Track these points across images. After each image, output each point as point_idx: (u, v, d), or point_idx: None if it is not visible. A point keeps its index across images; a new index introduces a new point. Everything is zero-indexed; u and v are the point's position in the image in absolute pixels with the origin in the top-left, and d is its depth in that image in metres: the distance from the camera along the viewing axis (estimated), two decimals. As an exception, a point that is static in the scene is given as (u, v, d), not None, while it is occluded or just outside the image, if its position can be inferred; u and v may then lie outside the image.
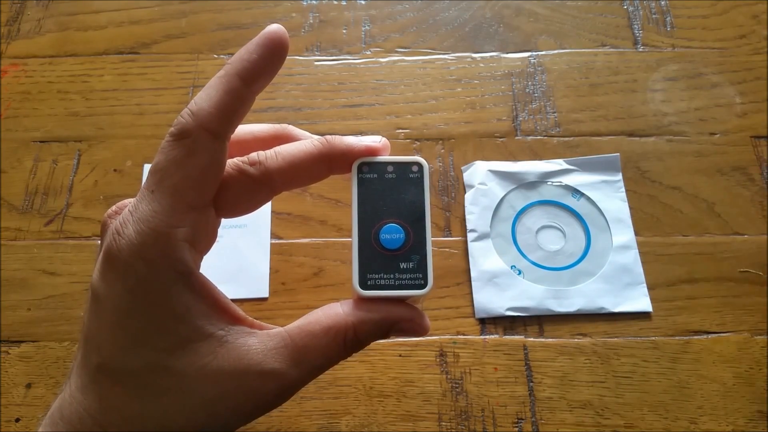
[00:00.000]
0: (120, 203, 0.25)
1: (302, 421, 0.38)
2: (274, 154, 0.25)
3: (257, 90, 0.23)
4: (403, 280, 0.24)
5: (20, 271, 0.42)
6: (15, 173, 0.46)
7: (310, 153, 0.25)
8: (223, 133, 0.23)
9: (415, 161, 0.25)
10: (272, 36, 0.23)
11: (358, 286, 0.24)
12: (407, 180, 0.25)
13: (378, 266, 0.24)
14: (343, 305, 0.24)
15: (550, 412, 0.38)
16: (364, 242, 0.24)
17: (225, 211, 0.25)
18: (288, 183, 0.25)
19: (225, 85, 0.23)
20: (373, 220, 0.24)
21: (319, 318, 0.24)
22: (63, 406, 0.23)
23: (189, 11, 0.52)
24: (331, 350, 0.23)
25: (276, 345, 0.23)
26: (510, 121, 0.47)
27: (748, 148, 0.46)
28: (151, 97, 0.48)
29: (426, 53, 0.50)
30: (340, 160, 0.25)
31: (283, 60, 0.23)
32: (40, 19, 0.52)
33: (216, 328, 0.23)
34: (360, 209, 0.25)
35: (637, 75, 0.49)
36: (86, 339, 0.23)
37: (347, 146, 0.25)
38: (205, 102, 0.23)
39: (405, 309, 0.24)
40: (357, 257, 0.24)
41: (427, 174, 0.25)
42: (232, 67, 0.23)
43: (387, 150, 0.26)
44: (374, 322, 0.24)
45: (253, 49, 0.23)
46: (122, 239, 0.22)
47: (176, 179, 0.22)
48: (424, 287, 0.24)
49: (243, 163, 0.24)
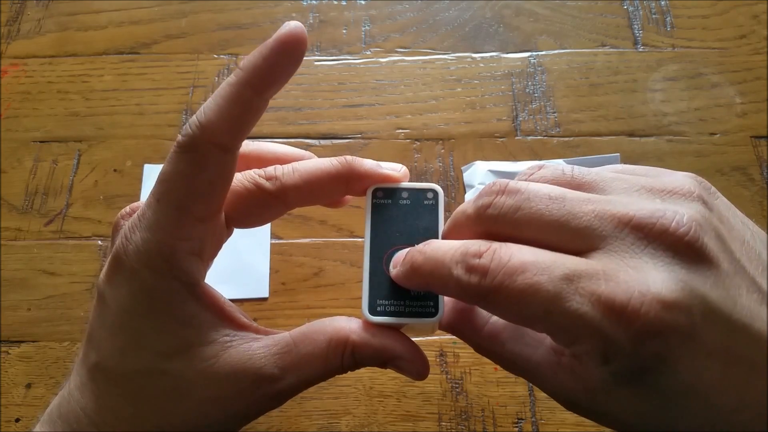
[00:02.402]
0: (133, 204, 0.25)
1: (302, 421, 0.38)
2: (291, 170, 0.24)
3: (271, 96, 0.22)
4: (414, 307, 0.23)
5: (20, 271, 0.42)
6: (15, 173, 0.46)
7: (328, 172, 0.24)
8: (232, 146, 0.22)
9: (431, 188, 0.25)
10: (289, 38, 0.21)
11: (368, 311, 0.23)
12: (422, 206, 0.25)
13: (388, 292, 0.24)
14: (351, 321, 0.24)
15: (550, 412, 0.38)
16: (375, 268, 0.24)
17: (237, 222, 0.25)
18: (303, 200, 0.25)
19: (236, 96, 0.21)
20: (386, 246, 0.24)
21: (325, 328, 0.23)
22: (61, 404, 0.23)
23: (189, 11, 0.52)
24: (329, 362, 0.23)
25: (279, 350, 0.23)
26: (510, 121, 0.47)
27: (748, 148, 0.46)
28: (151, 97, 0.48)
29: (426, 53, 0.50)
30: (358, 182, 0.25)
31: (301, 61, 0.22)
32: (40, 19, 0.52)
33: (220, 335, 0.23)
34: (372, 234, 0.24)
35: (637, 75, 0.49)
36: (89, 338, 0.23)
37: (366, 171, 0.25)
38: (214, 114, 0.21)
39: (408, 348, 0.23)
40: (367, 282, 0.24)
41: (442, 201, 0.25)
42: (244, 74, 0.21)
43: (406, 179, 0.25)
44: (374, 349, 0.23)
45: (267, 53, 0.21)
46: (130, 245, 0.22)
47: (183, 193, 0.22)
48: (434, 315, 0.23)
49: (260, 177, 0.24)
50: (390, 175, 0.25)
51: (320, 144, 0.46)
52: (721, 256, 0.18)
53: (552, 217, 0.19)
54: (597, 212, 0.19)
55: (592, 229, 0.18)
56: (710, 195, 0.20)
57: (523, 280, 0.18)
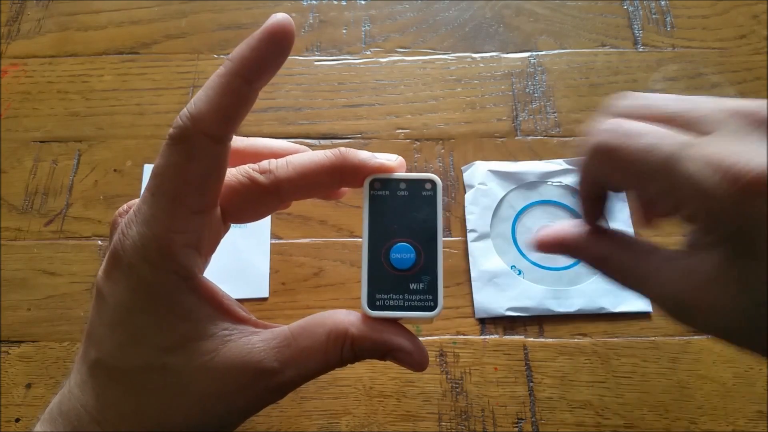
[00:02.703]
0: (130, 202, 0.25)
1: (302, 421, 0.38)
2: (285, 163, 0.24)
3: (260, 87, 0.22)
4: (413, 301, 0.24)
5: (20, 271, 0.42)
6: (15, 173, 0.46)
7: (322, 164, 0.24)
8: (223, 136, 0.22)
9: (429, 179, 0.25)
10: (275, 28, 0.21)
11: (367, 306, 0.23)
12: (420, 198, 0.24)
13: (387, 286, 0.24)
14: (350, 314, 0.24)
15: (550, 412, 0.38)
16: (374, 261, 0.24)
17: (233, 217, 0.25)
18: (298, 193, 0.25)
19: (225, 86, 0.21)
20: (384, 239, 0.24)
21: (324, 321, 0.23)
22: (62, 402, 0.23)
23: (189, 11, 0.52)
24: (329, 355, 0.23)
25: (278, 344, 0.23)
26: (510, 121, 0.47)
27: (748, 148, 0.46)
28: (151, 97, 0.48)
29: (426, 53, 0.50)
30: (352, 174, 0.25)
31: (289, 52, 0.22)
32: (40, 19, 0.52)
33: (219, 329, 0.23)
34: (371, 227, 0.24)
35: (637, 75, 0.49)
36: (88, 335, 0.23)
37: (360, 161, 0.24)
38: (204, 104, 0.21)
39: (408, 340, 0.24)
40: (366, 276, 0.24)
41: (441, 192, 0.25)
42: (232, 64, 0.21)
43: (402, 168, 0.25)
44: (373, 342, 0.23)
45: (255, 44, 0.21)
46: (126, 240, 0.22)
47: (176, 184, 0.22)
48: (433, 309, 0.23)
49: (253, 170, 0.24)
50: (385, 164, 0.25)
51: (320, 144, 0.46)
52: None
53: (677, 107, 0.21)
54: (716, 103, 0.21)
55: (709, 117, 0.21)
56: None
57: (646, 140, 0.20)
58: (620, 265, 0.23)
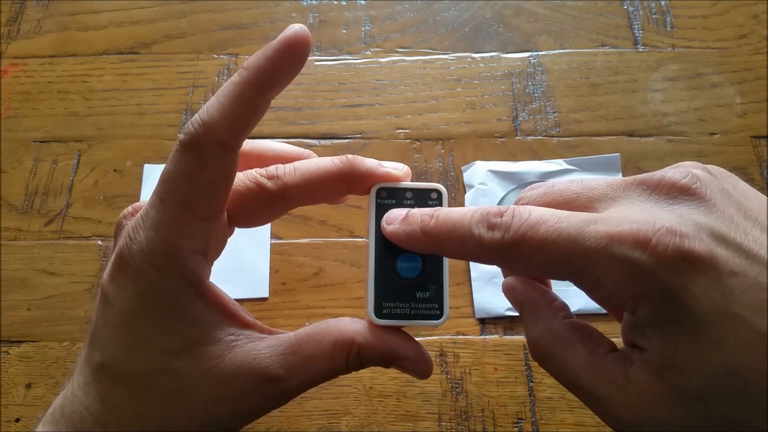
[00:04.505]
0: (135, 204, 0.25)
1: (302, 421, 0.38)
2: (292, 169, 0.24)
3: (273, 97, 0.22)
4: (419, 309, 0.24)
5: (20, 271, 0.42)
6: (15, 173, 0.46)
7: (329, 171, 0.24)
8: (234, 144, 0.22)
9: (435, 188, 0.25)
10: (293, 40, 0.21)
11: (374, 314, 0.24)
12: (426, 207, 0.25)
13: (394, 294, 0.24)
14: (355, 322, 0.24)
15: (550, 412, 0.38)
16: (380, 270, 0.24)
17: (239, 221, 0.25)
18: (304, 199, 0.25)
19: (239, 95, 0.22)
20: (391, 248, 0.24)
21: (330, 328, 0.24)
22: (64, 404, 0.23)
23: (189, 11, 0.52)
24: (334, 363, 0.23)
25: (284, 350, 0.23)
26: (510, 121, 0.47)
27: (748, 148, 0.46)
28: (151, 97, 0.48)
29: (426, 53, 0.50)
30: (359, 181, 0.25)
31: (303, 64, 0.22)
32: (40, 19, 0.52)
33: (225, 334, 0.23)
34: (377, 236, 0.24)
35: (637, 75, 0.49)
36: (92, 337, 0.23)
37: (368, 169, 0.25)
38: (217, 112, 0.22)
39: (413, 348, 0.24)
40: (373, 285, 0.24)
41: (446, 201, 0.25)
42: (247, 73, 0.22)
43: (408, 177, 0.25)
44: (379, 350, 0.23)
45: (272, 54, 0.21)
46: (134, 244, 0.22)
47: (186, 191, 0.22)
48: (439, 318, 0.24)
49: (261, 176, 0.24)
50: (392, 173, 0.25)
51: (320, 144, 0.46)
52: (717, 196, 0.20)
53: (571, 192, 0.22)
54: (608, 182, 0.22)
55: (604, 194, 0.21)
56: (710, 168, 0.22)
57: (546, 229, 0.20)
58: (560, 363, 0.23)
